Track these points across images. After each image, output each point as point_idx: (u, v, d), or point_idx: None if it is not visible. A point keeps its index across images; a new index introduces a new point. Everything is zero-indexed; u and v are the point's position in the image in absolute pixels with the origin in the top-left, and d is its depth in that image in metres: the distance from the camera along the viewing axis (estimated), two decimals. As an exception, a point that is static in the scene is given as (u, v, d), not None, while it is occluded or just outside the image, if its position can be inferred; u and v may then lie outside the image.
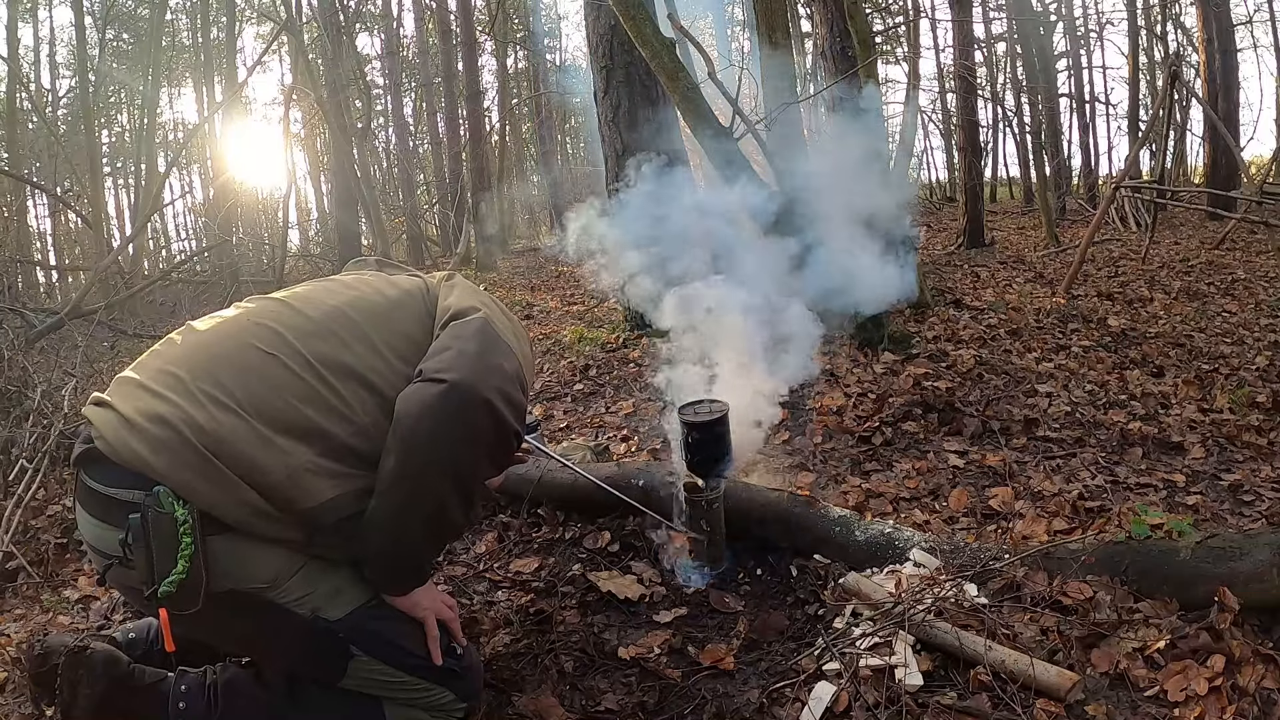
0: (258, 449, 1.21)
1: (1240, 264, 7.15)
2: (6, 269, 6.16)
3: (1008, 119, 15.47)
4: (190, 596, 1.17)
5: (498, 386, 1.32)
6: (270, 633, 1.31)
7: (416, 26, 17.95)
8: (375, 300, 1.45)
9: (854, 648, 1.62)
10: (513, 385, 1.37)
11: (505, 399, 1.33)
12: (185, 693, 1.37)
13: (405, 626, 1.38)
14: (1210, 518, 2.31)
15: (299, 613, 1.28)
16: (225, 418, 1.20)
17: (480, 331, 1.38)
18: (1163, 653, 1.53)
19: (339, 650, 1.33)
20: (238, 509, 1.20)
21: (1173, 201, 9.42)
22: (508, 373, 1.36)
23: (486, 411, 1.29)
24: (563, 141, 24.95)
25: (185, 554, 1.14)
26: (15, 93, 13.09)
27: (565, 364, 4.56)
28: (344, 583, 1.35)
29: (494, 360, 1.35)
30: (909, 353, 3.92)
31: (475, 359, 1.32)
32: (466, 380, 1.28)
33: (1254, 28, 16.66)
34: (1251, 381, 3.63)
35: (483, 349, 1.35)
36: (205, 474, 1.18)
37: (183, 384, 1.23)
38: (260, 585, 1.25)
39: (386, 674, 1.37)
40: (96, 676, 1.33)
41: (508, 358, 1.39)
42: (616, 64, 4.83)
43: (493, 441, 1.35)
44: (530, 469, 2.47)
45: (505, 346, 1.41)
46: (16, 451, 2.98)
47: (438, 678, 1.40)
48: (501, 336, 1.42)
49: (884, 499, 2.50)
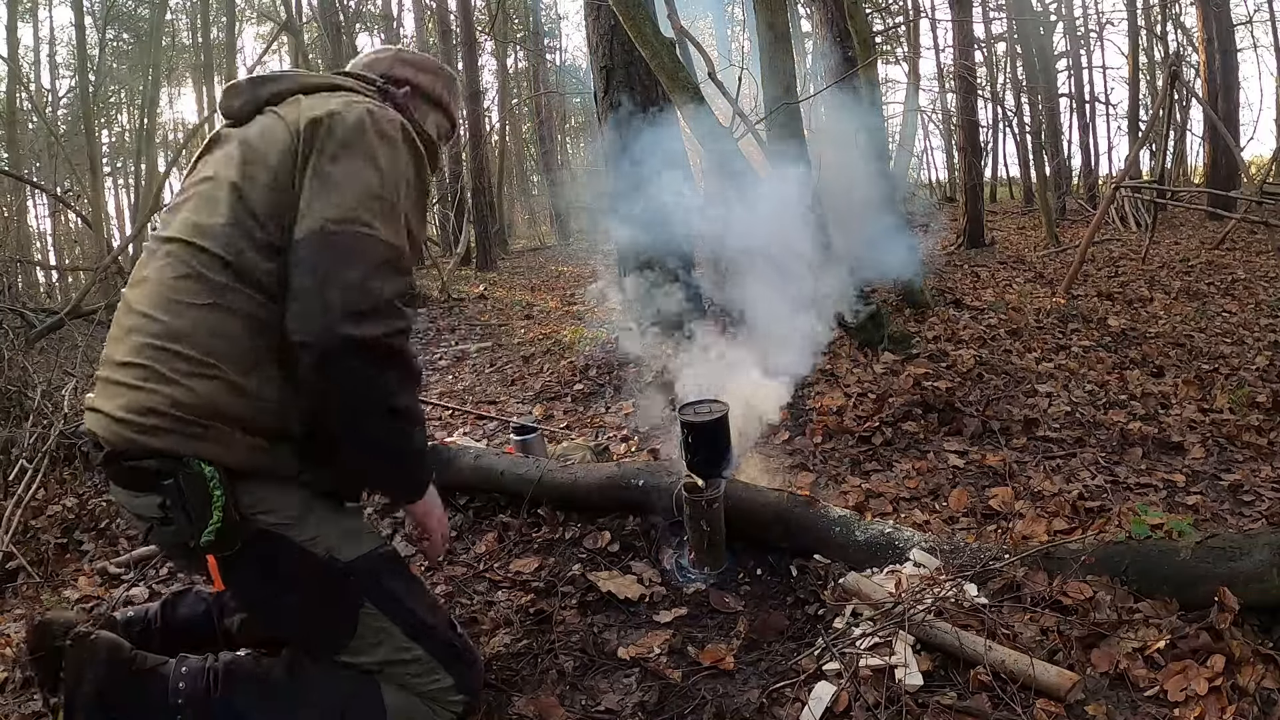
0: (237, 397, 1.27)
1: (1240, 264, 7.15)
2: (6, 269, 6.15)
3: (1008, 119, 15.46)
4: (230, 538, 1.28)
5: (353, 314, 1.21)
6: (290, 578, 1.35)
7: (416, 26, 17.96)
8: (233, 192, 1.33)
9: (854, 648, 1.62)
10: (368, 289, 1.23)
11: (364, 317, 1.22)
12: (185, 674, 1.39)
13: (415, 587, 1.45)
14: (1210, 518, 2.32)
15: (316, 553, 1.34)
16: (202, 385, 1.26)
17: (317, 249, 1.24)
18: (1163, 653, 1.53)
19: (351, 598, 1.36)
20: (248, 454, 1.29)
21: (1173, 201, 9.42)
22: (354, 281, 1.22)
23: (357, 351, 1.22)
24: (563, 141, 24.97)
25: (218, 505, 1.25)
26: (15, 93, 13.11)
27: (565, 364, 4.56)
28: (355, 526, 1.44)
29: (339, 281, 1.22)
30: (909, 353, 3.92)
31: (318, 298, 1.21)
32: (320, 340, 1.20)
33: (1254, 28, 16.70)
34: (1251, 381, 3.63)
35: (324, 277, 1.22)
36: (208, 437, 1.26)
37: (151, 369, 1.27)
38: (284, 521, 1.32)
39: (392, 639, 1.38)
40: (100, 663, 1.36)
41: (357, 253, 1.24)
42: (616, 64, 4.83)
43: (381, 352, 1.25)
44: (530, 469, 2.47)
45: (349, 241, 1.24)
46: (16, 451, 2.98)
47: (440, 653, 1.42)
48: (345, 227, 1.25)
49: (884, 499, 2.50)
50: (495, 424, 3.65)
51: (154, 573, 2.39)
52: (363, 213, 1.26)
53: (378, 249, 1.26)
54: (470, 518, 2.52)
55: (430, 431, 3.55)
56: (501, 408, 3.97)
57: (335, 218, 1.24)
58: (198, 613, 1.68)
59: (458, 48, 13.26)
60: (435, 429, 3.67)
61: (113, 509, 2.85)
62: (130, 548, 2.60)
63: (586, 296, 7.21)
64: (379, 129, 1.33)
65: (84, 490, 3.03)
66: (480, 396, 4.26)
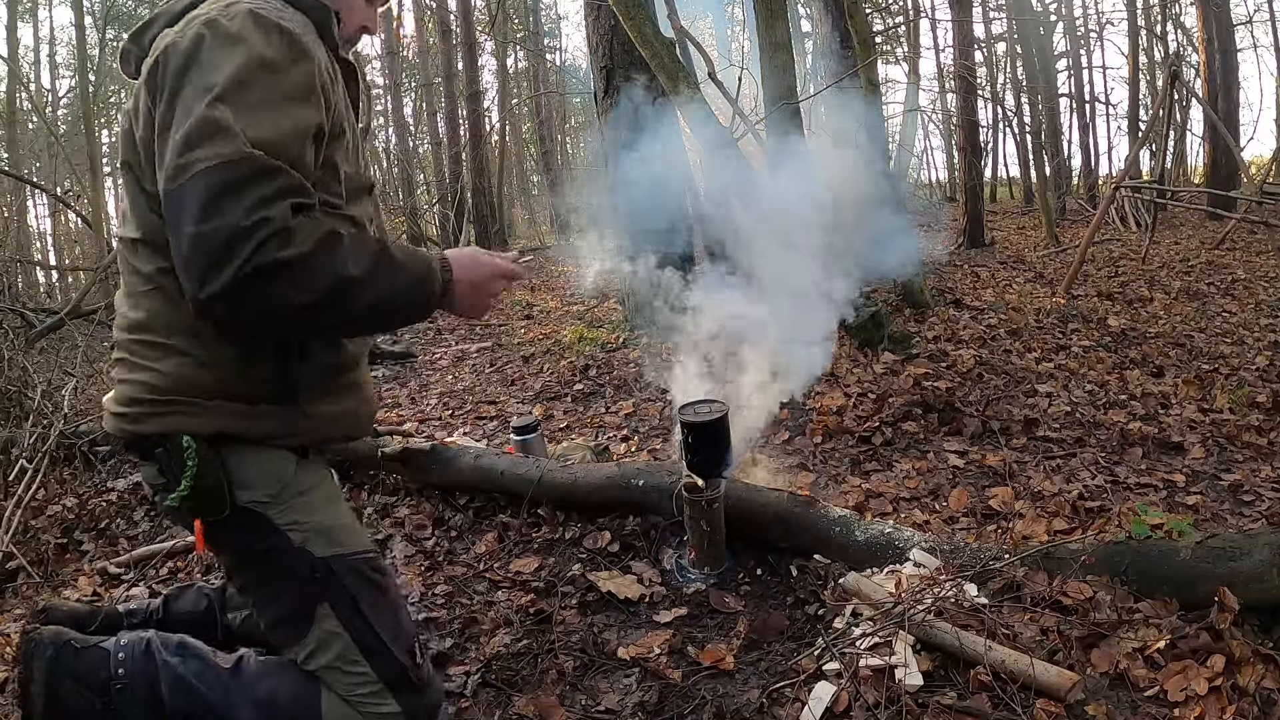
0: (202, 367, 1.27)
1: (1240, 264, 7.15)
2: (6, 269, 6.15)
3: (1008, 119, 15.46)
4: (209, 504, 1.29)
5: (204, 272, 1.07)
6: (259, 556, 1.36)
7: (416, 26, 17.97)
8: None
9: (854, 648, 1.62)
10: (203, 236, 1.07)
11: (215, 268, 1.07)
12: (124, 645, 1.41)
13: (384, 603, 1.39)
14: (1210, 518, 2.32)
15: (291, 538, 1.33)
16: (168, 364, 1.27)
17: (167, 216, 1.12)
18: (1163, 653, 1.53)
19: (312, 593, 1.34)
20: (228, 420, 1.28)
21: (1173, 201, 9.42)
22: (189, 235, 1.08)
23: (233, 301, 1.08)
24: (563, 141, 24.96)
25: (189, 472, 1.26)
26: (15, 93, 13.10)
27: (565, 364, 4.56)
28: (340, 524, 1.40)
29: (182, 244, 1.09)
30: (909, 353, 3.92)
31: (182, 269, 1.11)
32: (200, 311, 1.11)
33: (1254, 28, 16.70)
34: (1251, 381, 3.63)
35: (177, 244, 1.10)
36: (184, 412, 1.27)
37: (128, 362, 1.30)
38: (263, 499, 1.32)
39: (343, 649, 1.35)
40: (45, 645, 1.39)
41: (189, 201, 1.07)
42: (616, 64, 4.84)
43: (255, 288, 1.08)
44: (530, 469, 2.47)
45: (183, 194, 1.08)
46: (16, 451, 2.98)
47: (389, 676, 1.36)
48: (180, 179, 1.09)
49: (884, 499, 2.50)
50: (495, 424, 3.66)
51: (154, 573, 2.39)
52: (197, 151, 1.08)
53: (214, 178, 1.07)
54: (470, 518, 2.52)
55: (430, 431, 3.55)
56: (501, 408, 3.98)
57: (170, 173, 1.09)
58: (199, 608, 1.68)
59: (458, 48, 13.27)
60: (435, 429, 3.68)
61: (113, 509, 2.85)
62: (130, 548, 2.60)
63: (586, 296, 7.21)
64: (220, 35, 1.13)
65: (84, 490, 3.03)
66: (480, 396, 4.26)
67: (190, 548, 2.50)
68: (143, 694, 1.37)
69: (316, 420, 1.35)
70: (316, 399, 1.34)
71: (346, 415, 1.41)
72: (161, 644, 1.43)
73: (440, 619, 1.97)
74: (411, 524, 2.49)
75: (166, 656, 1.41)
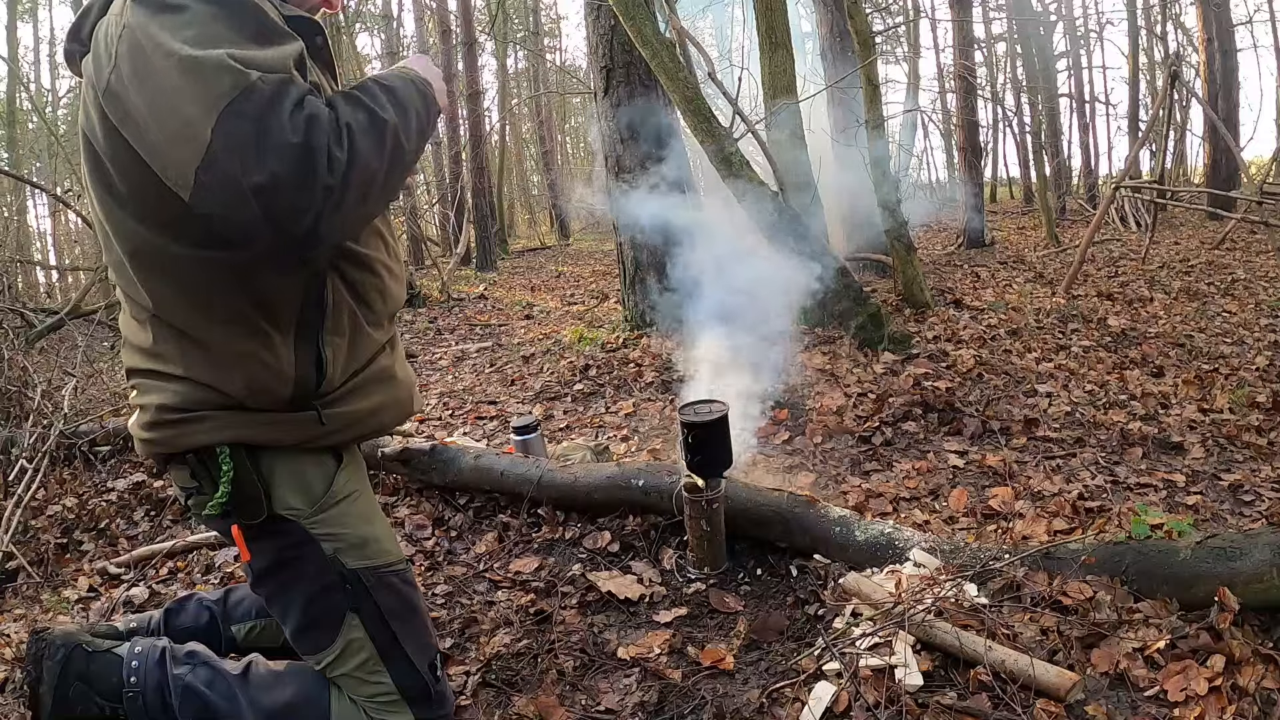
0: (227, 381, 1.25)
1: (1240, 264, 7.15)
2: (6, 269, 6.15)
3: (1008, 119, 15.46)
4: (254, 508, 1.29)
5: (317, 174, 0.98)
6: (292, 564, 1.35)
7: (416, 26, 17.94)
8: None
9: (854, 648, 1.62)
10: (256, 168, 0.96)
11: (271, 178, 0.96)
12: (138, 653, 1.42)
13: (409, 618, 1.40)
14: (1210, 518, 2.32)
15: (324, 548, 1.33)
16: (181, 385, 1.25)
17: (220, 168, 0.98)
18: (1163, 653, 1.53)
19: (341, 602, 1.35)
20: (259, 430, 1.27)
21: (1173, 201, 9.41)
22: (255, 184, 0.96)
23: (340, 188, 1.00)
24: (563, 141, 24.96)
25: (225, 479, 1.26)
26: (15, 93, 13.11)
27: (565, 364, 4.56)
28: (371, 538, 1.39)
29: (277, 177, 0.97)
30: (909, 353, 3.92)
31: (272, 206, 0.99)
32: (307, 227, 1.01)
33: (1254, 28, 16.67)
34: (1251, 381, 3.63)
35: (264, 189, 0.97)
36: (213, 426, 1.26)
37: (143, 385, 1.29)
38: (298, 507, 1.31)
39: (365, 659, 1.36)
40: (56, 647, 1.39)
41: (233, 171, 0.96)
42: (616, 64, 4.84)
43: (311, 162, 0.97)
44: (530, 469, 2.47)
45: (246, 137, 0.96)
46: (16, 451, 2.98)
47: (409, 688, 1.38)
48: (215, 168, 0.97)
49: (884, 499, 2.50)
50: (495, 424, 3.65)
51: (154, 573, 2.39)
52: (194, 107, 0.97)
53: (232, 124, 0.95)
54: (470, 518, 2.53)
55: (429, 431, 3.55)
56: (501, 408, 3.98)
57: (203, 164, 0.97)
58: (201, 622, 1.67)
59: (458, 48, 13.26)
60: (435, 429, 3.68)
61: (112, 509, 2.85)
62: (130, 548, 2.60)
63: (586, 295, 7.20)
64: (158, 5, 1.02)
65: (84, 490, 3.03)
66: (480, 396, 4.26)
67: (190, 548, 2.51)
68: (153, 703, 1.38)
69: (347, 419, 1.34)
70: (342, 401, 1.33)
71: (380, 409, 1.40)
72: (173, 654, 1.43)
73: (440, 619, 1.96)
74: (411, 524, 2.49)
75: (177, 666, 1.41)
